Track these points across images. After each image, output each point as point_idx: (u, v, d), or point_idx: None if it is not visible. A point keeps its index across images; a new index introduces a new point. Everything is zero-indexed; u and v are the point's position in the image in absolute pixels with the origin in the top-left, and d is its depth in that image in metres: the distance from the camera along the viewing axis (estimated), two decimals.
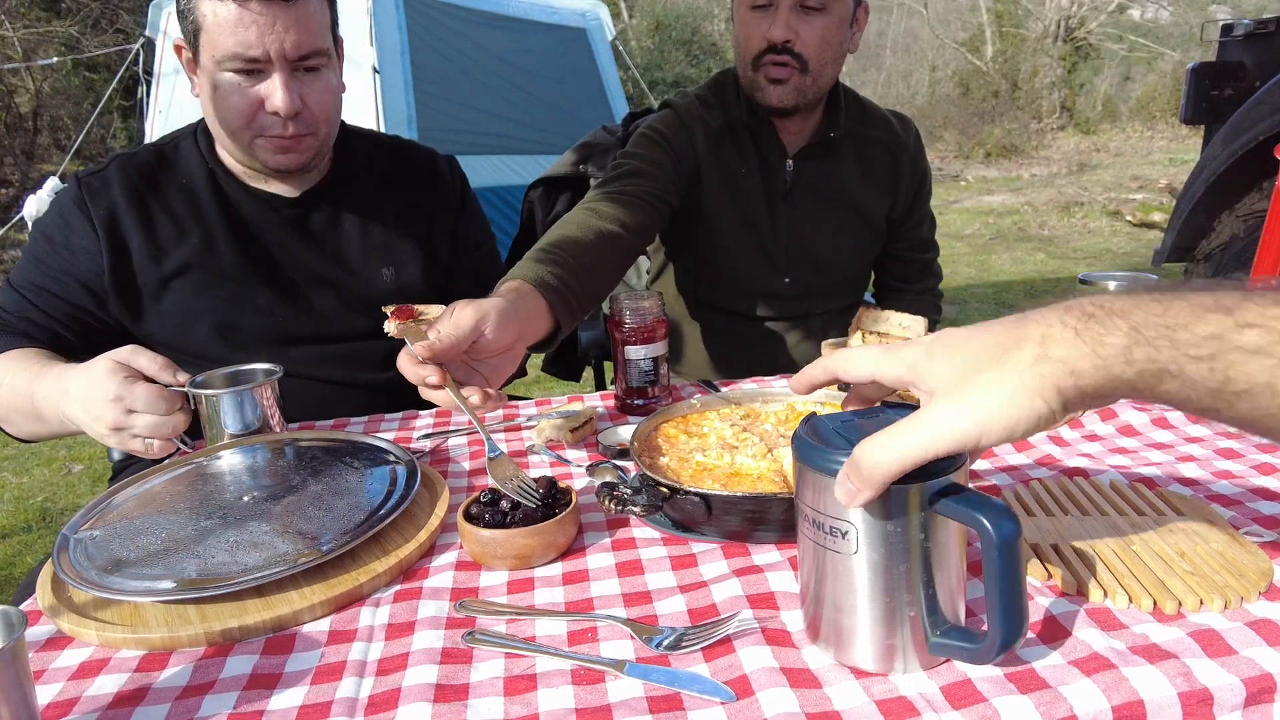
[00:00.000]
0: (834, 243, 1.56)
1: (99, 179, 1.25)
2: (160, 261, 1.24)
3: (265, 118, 1.18)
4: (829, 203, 1.53)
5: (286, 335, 1.29)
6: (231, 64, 1.14)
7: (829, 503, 0.57)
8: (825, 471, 0.57)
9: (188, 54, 1.21)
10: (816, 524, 0.59)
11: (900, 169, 1.56)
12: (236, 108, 1.17)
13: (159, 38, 5.56)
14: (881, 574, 0.57)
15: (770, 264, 1.54)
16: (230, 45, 1.13)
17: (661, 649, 0.63)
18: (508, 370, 0.96)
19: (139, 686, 0.64)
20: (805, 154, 1.51)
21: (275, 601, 0.72)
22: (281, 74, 1.16)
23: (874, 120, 1.56)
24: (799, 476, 0.60)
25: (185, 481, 0.94)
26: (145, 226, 1.24)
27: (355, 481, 0.91)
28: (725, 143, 1.49)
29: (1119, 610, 0.65)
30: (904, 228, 1.63)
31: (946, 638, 0.58)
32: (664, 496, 0.77)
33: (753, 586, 0.70)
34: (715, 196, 1.50)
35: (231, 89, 1.16)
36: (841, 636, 0.60)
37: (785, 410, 1.00)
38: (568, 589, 0.73)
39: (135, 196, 1.24)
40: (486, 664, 0.63)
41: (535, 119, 5.54)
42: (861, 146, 1.54)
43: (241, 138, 1.20)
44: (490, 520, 0.78)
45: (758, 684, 0.58)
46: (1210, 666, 0.57)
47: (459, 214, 1.44)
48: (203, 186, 1.27)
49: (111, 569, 0.75)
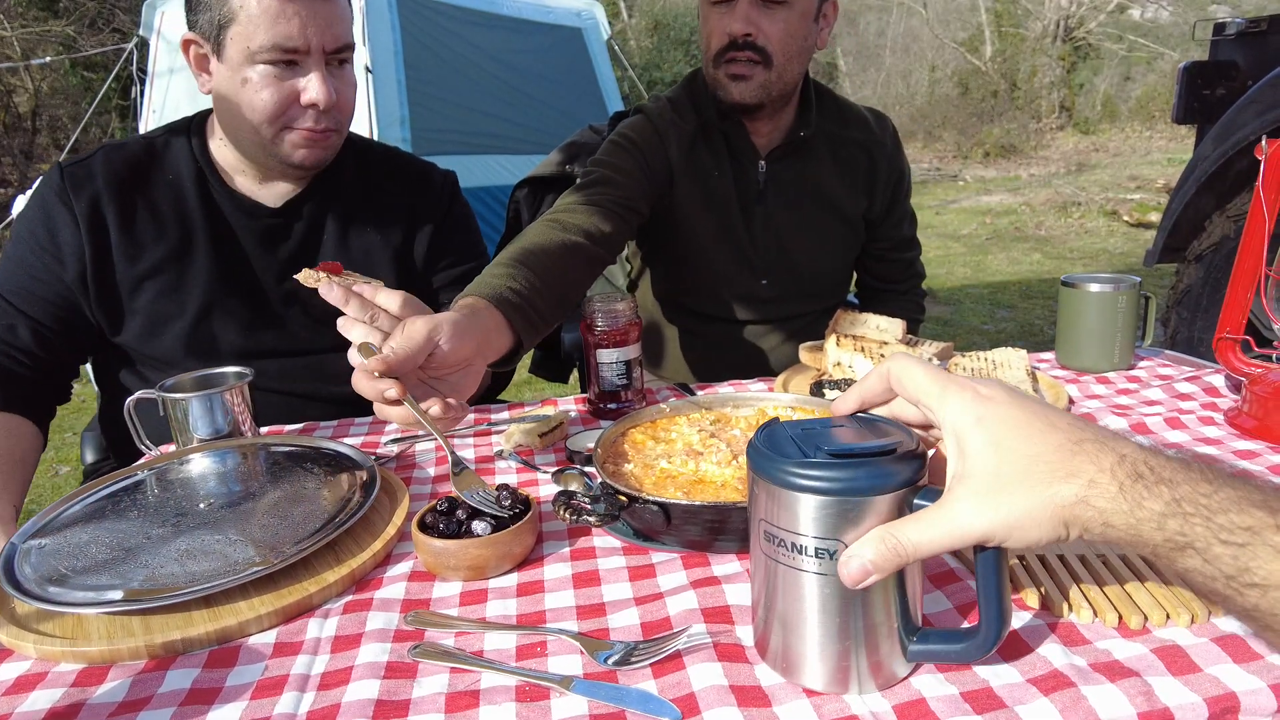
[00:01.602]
0: (811, 244, 1.54)
1: (83, 168, 1.22)
2: (136, 260, 1.22)
3: (297, 111, 1.18)
4: (804, 203, 1.51)
5: (253, 347, 1.27)
6: (269, 55, 1.13)
7: (784, 516, 0.55)
8: (780, 484, 0.55)
9: (200, 50, 1.19)
10: (772, 538, 0.57)
11: (877, 168, 1.54)
12: (271, 100, 1.16)
13: (152, 37, 5.54)
14: (845, 591, 0.55)
15: (748, 266, 1.53)
16: (270, 37, 1.12)
17: (610, 665, 0.61)
18: (469, 387, 0.93)
19: (73, 702, 0.62)
20: (777, 155, 1.48)
21: (222, 612, 0.71)
22: (319, 67, 1.16)
23: (850, 119, 1.54)
24: (751, 486, 0.59)
25: (143, 488, 0.92)
26: (126, 221, 1.22)
27: (314, 488, 0.89)
28: (699, 145, 1.47)
29: (1083, 625, 0.63)
30: (884, 227, 1.61)
31: (926, 642, 0.57)
32: (622, 505, 0.75)
33: (709, 599, 0.68)
34: (690, 200, 1.48)
35: (266, 81, 1.15)
36: (792, 656, 0.58)
37: (756, 415, 0.99)
38: (521, 601, 0.72)
39: (119, 189, 1.22)
40: (430, 679, 0.61)
41: (530, 119, 5.52)
42: (837, 146, 1.52)
43: (267, 131, 1.19)
44: (445, 530, 0.76)
45: (705, 702, 0.56)
46: (1173, 685, 0.55)
47: (442, 224, 1.40)
48: (189, 185, 1.25)
49: (56, 579, 0.74)
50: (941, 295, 5.60)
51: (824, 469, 0.53)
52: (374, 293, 0.93)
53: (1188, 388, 1.17)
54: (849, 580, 0.53)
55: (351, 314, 0.91)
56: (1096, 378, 1.25)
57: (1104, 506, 0.49)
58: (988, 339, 4.69)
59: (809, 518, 0.54)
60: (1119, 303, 1.24)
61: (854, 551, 0.53)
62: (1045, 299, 5.39)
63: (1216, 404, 1.10)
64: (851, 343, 1.15)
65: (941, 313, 5.24)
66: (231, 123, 1.21)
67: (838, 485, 0.53)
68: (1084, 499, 0.49)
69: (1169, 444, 0.98)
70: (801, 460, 0.54)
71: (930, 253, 7.36)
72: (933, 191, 10.56)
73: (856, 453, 0.54)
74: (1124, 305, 1.24)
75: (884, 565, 0.52)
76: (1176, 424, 1.04)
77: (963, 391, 0.54)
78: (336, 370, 1.31)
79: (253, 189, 1.28)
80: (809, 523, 0.54)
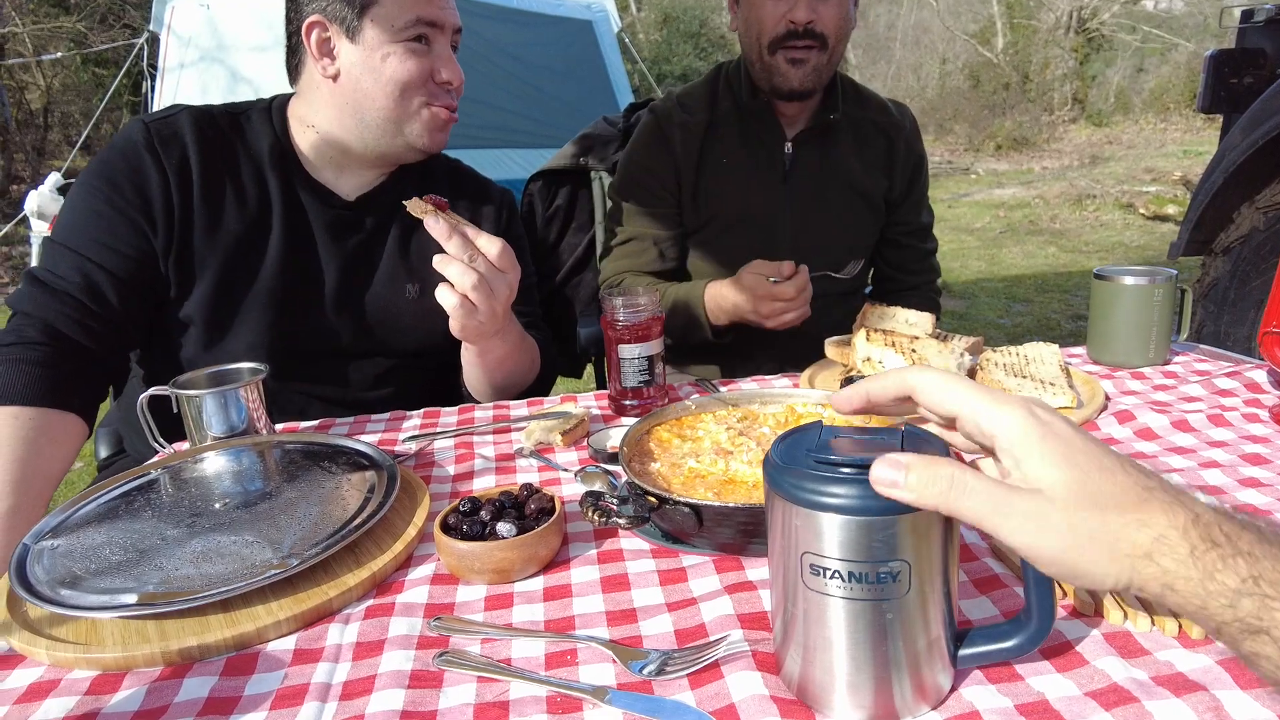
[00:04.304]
0: (835, 223, 1.56)
1: (168, 125, 1.19)
2: (214, 228, 1.19)
3: (434, 87, 1.22)
4: (829, 184, 1.54)
5: (290, 344, 1.24)
6: (415, 30, 1.18)
7: (810, 538, 0.50)
8: (805, 505, 0.50)
9: (325, 33, 1.18)
10: (816, 568, 0.51)
11: (896, 150, 1.57)
12: (415, 70, 1.19)
13: (163, 32, 5.53)
14: (882, 614, 0.51)
15: (773, 245, 1.54)
16: (417, 10, 1.17)
17: (645, 675, 0.58)
18: None
19: (87, 712, 0.59)
20: (804, 137, 1.51)
21: (240, 617, 0.68)
22: (447, 47, 1.23)
23: (870, 103, 1.58)
24: (770, 501, 0.54)
25: (157, 487, 0.90)
26: (209, 186, 1.19)
27: (332, 488, 0.87)
28: (717, 133, 1.51)
29: (1140, 634, 0.60)
30: (902, 209, 1.62)
31: (973, 645, 0.54)
32: (652, 506, 0.73)
33: (745, 605, 0.65)
34: (714, 186, 1.51)
35: (407, 55, 1.18)
36: (822, 691, 0.54)
37: (784, 412, 0.96)
38: (548, 605, 0.69)
39: (206, 152, 1.19)
40: (457, 689, 0.59)
41: (540, 112, 5.49)
42: (858, 128, 1.55)
43: (409, 105, 1.21)
44: (468, 532, 0.73)
45: (746, 714, 0.54)
46: (1242, 699, 0.52)
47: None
48: (270, 164, 1.23)
49: (69, 582, 0.71)
50: (956, 289, 5.55)
51: (848, 484, 0.49)
52: (475, 234, 1.01)
53: (1228, 384, 1.13)
54: (874, 479, 0.48)
55: (452, 251, 0.99)
56: (1131, 373, 1.21)
57: (1170, 568, 0.44)
58: (1004, 334, 4.64)
59: (834, 540, 0.50)
60: (1155, 295, 1.20)
61: (906, 463, 0.47)
62: (1061, 293, 5.33)
63: (1260, 400, 1.07)
64: (882, 337, 1.11)
65: (957, 307, 5.18)
66: (359, 105, 1.20)
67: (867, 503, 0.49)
68: (1149, 555, 0.45)
69: (1211, 442, 0.95)
70: (826, 475, 0.50)
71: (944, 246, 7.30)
72: (945, 185, 10.49)
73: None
74: (1160, 298, 1.20)
75: (921, 499, 0.47)
76: (1220, 421, 1.00)
77: (1015, 403, 0.49)
78: (368, 373, 1.30)
79: (329, 179, 1.27)
80: (834, 545, 0.50)
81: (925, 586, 0.51)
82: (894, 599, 0.50)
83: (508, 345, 1.21)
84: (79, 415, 1.09)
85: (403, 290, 1.30)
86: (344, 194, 1.28)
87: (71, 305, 1.10)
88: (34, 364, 1.05)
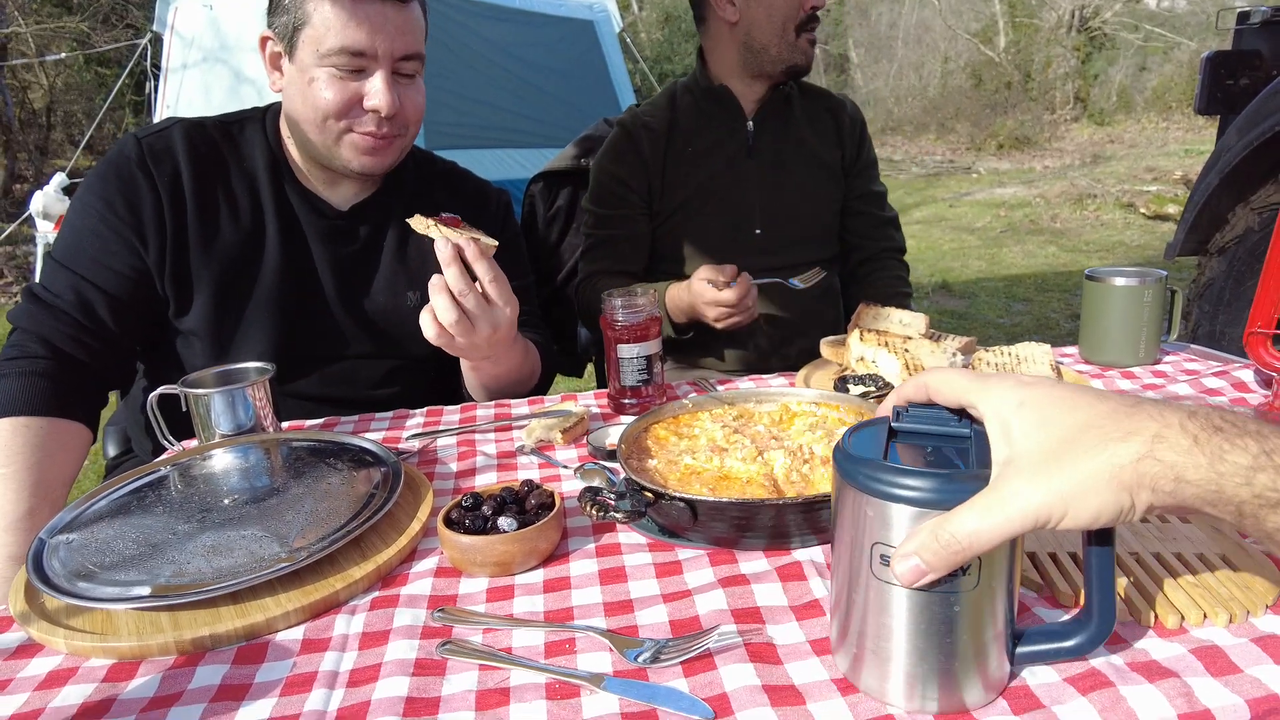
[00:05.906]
0: (799, 190, 1.68)
1: (161, 140, 1.20)
2: (210, 242, 1.20)
3: (359, 113, 1.18)
4: (791, 156, 1.67)
5: (295, 351, 1.26)
6: (337, 59, 1.14)
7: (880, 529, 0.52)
8: (879, 495, 0.51)
9: (275, 48, 1.20)
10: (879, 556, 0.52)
11: (841, 123, 1.74)
12: (333, 99, 1.16)
13: (166, 33, 5.55)
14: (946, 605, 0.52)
15: (742, 216, 1.65)
16: (339, 41, 1.13)
17: (640, 662, 0.60)
18: None
19: (105, 698, 0.62)
20: (763, 115, 1.66)
21: (249, 609, 0.71)
22: (384, 73, 1.17)
23: (809, 89, 1.81)
24: (840, 492, 0.55)
25: (168, 483, 0.93)
26: (203, 201, 1.20)
27: (337, 484, 0.89)
28: (678, 129, 1.65)
29: (1118, 624, 0.62)
30: (854, 179, 1.76)
31: (1032, 643, 0.56)
32: (649, 502, 0.75)
33: (737, 599, 0.68)
34: (682, 172, 1.63)
35: (330, 82, 1.16)
36: (882, 679, 0.55)
37: (779, 411, 0.98)
38: (548, 597, 0.71)
39: (199, 167, 1.20)
40: (460, 676, 0.61)
41: (541, 112, 5.50)
42: (806, 106, 1.72)
43: (331, 130, 1.18)
44: (471, 526, 0.76)
45: (738, 702, 0.56)
46: (1213, 686, 0.55)
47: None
48: (264, 175, 1.24)
49: (84, 575, 0.74)
50: (956, 288, 5.56)
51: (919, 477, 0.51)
52: (476, 258, 1.03)
53: (1215, 383, 1.15)
54: (904, 581, 0.51)
55: (449, 280, 1.01)
56: (1121, 373, 1.23)
57: (1175, 460, 0.45)
58: (1004, 333, 4.66)
59: (907, 531, 0.51)
60: (1144, 296, 1.22)
61: (906, 550, 0.50)
62: (1061, 292, 5.34)
63: (1246, 399, 1.09)
64: (875, 337, 1.14)
65: (957, 306, 5.20)
66: (296, 122, 1.21)
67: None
68: (1148, 454, 0.46)
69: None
70: (901, 467, 0.52)
71: (944, 245, 7.33)
72: (946, 184, 10.49)
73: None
74: (1150, 299, 1.22)
75: (939, 563, 0.49)
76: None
77: (1004, 380, 0.53)
78: (373, 373, 1.31)
79: (322, 189, 1.28)
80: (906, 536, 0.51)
81: (993, 582, 0.52)
82: (962, 592, 0.52)
83: (499, 368, 1.23)
84: (83, 423, 1.13)
85: (403, 298, 1.31)
86: (336, 204, 1.29)
87: (67, 322, 1.13)
88: (39, 376, 1.09)
